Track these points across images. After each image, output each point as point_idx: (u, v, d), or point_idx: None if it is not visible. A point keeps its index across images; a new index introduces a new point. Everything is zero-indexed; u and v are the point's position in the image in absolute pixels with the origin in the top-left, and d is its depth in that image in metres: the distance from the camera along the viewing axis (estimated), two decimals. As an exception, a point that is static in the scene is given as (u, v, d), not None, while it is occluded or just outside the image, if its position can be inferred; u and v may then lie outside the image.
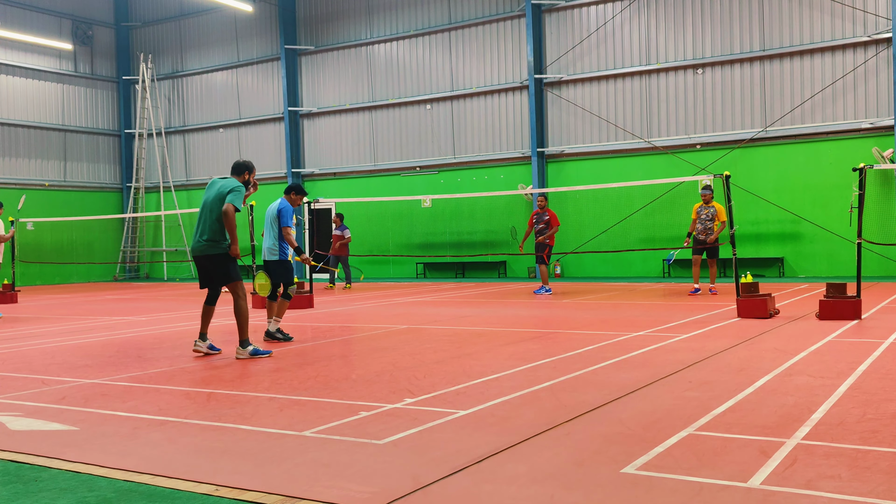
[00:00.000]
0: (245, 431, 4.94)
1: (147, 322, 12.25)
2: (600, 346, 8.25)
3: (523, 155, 22.79)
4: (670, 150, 20.83)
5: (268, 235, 9.78)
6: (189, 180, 29.16)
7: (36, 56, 27.58)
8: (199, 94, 29.01)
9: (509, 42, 23.10)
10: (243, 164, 8.50)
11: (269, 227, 9.80)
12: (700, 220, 14.56)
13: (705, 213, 14.50)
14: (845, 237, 17.70)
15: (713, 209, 14.44)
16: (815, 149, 19.34)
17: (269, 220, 9.83)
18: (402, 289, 19.00)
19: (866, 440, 4.34)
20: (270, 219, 9.82)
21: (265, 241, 9.79)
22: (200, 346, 8.37)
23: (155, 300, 17.49)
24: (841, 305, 9.97)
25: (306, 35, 26.63)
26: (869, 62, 18.63)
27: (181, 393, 6.29)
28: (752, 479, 3.71)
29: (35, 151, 27.53)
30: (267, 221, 9.84)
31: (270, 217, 9.82)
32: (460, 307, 13.54)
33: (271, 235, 9.76)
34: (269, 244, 9.77)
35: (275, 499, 3.66)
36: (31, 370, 7.66)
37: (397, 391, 6.07)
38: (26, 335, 10.88)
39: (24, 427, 5.25)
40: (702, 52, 20.59)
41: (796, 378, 6.19)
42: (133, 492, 3.83)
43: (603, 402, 5.47)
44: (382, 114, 25.31)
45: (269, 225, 9.81)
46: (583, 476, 3.87)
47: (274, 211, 9.79)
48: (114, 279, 28.91)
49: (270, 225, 9.80)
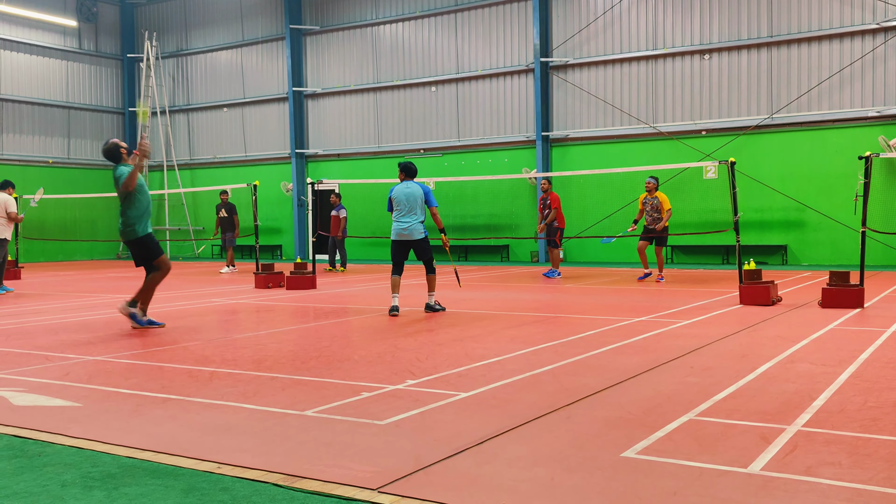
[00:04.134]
0: (247, 410, 4.96)
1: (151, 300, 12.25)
2: (602, 330, 8.26)
3: (528, 139, 22.72)
4: (675, 135, 20.76)
5: (413, 215, 10.06)
6: (193, 159, 29.13)
7: (40, 32, 27.48)
8: (203, 72, 28.92)
9: (515, 25, 22.98)
10: (110, 148, 8.97)
11: (414, 206, 10.06)
12: (647, 211, 14.69)
13: (650, 205, 14.64)
14: (850, 226, 17.70)
15: (657, 199, 14.58)
16: (821, 136, 19.27)
17: (413, 200, 10.06)
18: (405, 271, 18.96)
19: (867, 428, 4.35)
20: (414, 199, 10.07)
21: (408, 219, 10.04)
22: (124, 309, 8.95)
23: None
24: (844, 294, 9.96)
25: (311, 15, 26.51)
26: (877, 50, 18.51)
27: (184, 371, 6.31)
28: (753, 465, 3.73)
29: (39, 128, 27.50)
30: (406, 201, 10.06)
31: (413, 198, 10.06)
32: (462, 290, 13.55)
33: (415, 215, 10.07)
34: (414, 223, 10.07)
35: (277, 477, 3.68)
36: (34, 346, 7.69)
37: (399, 372, 6.08)
38: (30, 311, 10.91)
39: (28, 402, 5.27)
40: (709, 37, 20.48)
41: (798, 365, 6.20)
42: (136, 468, 3.85)
43: (604, 387, 5.49)
44: (387, 95, 25.23)
45: (414, 205, 10.06)
46: (583, 459, 3.89)
47: (420, 192, 10.09)
48: (116, 257, 28.95)
49: (416, 204, 10.07)
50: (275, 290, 13.92)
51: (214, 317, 10.21)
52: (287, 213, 27.09)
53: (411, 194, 10.09)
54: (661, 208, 14.52)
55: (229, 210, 19.55)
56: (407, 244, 10.23)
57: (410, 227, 10.07)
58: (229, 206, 19.63)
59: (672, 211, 14.91)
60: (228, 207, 19.60)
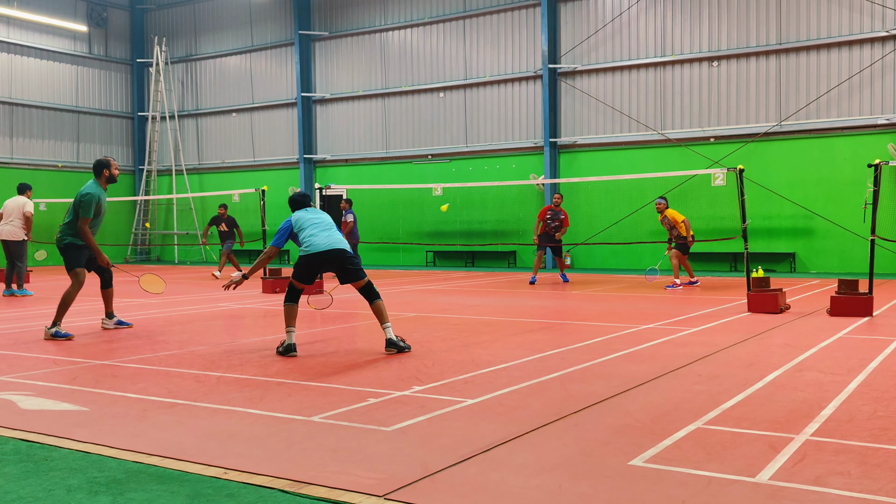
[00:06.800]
0: (254, 415, 4.95)
1: (157, 305, 12.30)
2: (609, 337, 8.23)
3: (536, 145, 22.71)
4: (684, 142, 20.72)
5: (333, 229, 7.77)
6: (201, 164, 29.21)
7: (51, 37, 27.62)
8: (212, 78, 29.01)
9: (524, 31, 22.99)
10: (98, 163, 9.55)
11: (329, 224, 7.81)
12: (668, 229, 15.16)
13: (666, 224, 15.09)
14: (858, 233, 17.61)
15: (667, 218, 14.98)
16: (830, 144, 19.20)
17: (326, 219, 7.83)
18: (412, 277, 19.01)
19: (876, 437, 4.32)
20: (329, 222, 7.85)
21: (329, 233, 7.68)
22: (108, 323, 9.40)
23: (166, 283, 17.51)
24: (852, 302, 9.91)
25: (320, 21, 26.58)
26: (887, 57, 18.45)
27: (190, 376, 6.31)
28: (761, 474, 3.70)
29: (48, 132, 27.61)
30: (317, 223, 7.73)
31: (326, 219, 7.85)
32: (469, 296, 13.54)
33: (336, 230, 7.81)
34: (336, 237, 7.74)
35: (283, 483, 3.67)
36: (42, 350, 7.71)
37: (405, 378, 6.07)
38: (38, 315, 10.94)
39: (36, 406, 5.28)
40: (717, 44, 20.44)
41: (806, 374, 6.17)
42: (142, 473, 3.85)
43: (612, 394, 5.46)
44: (395, 101, 25.26)
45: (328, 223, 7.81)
46: (591, 467, 3.87)
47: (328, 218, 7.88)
48: (125, 261, 29.03)
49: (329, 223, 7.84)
50: (282, 296, 13.92)
51: (221, 321, 10.23)
52: (295, 219, 27.07)
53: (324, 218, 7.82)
54: (674, 225, 14.96)
55: (230, 224, 19.15)
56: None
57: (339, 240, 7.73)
58: (230, 220, 19.21)
59: (687, 220, 15.22)
60: (229, 222, 19.18)
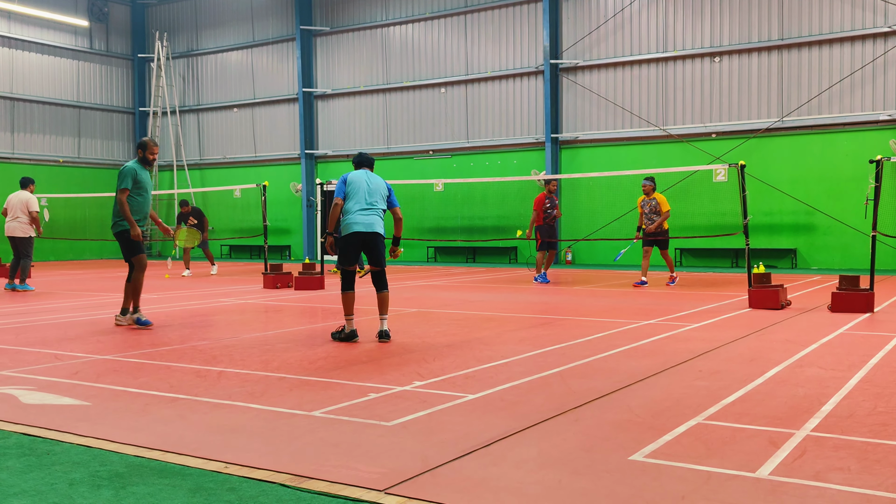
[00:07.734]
0: (255, 410, 4.96)
1: (158, 300, 12.31)
2: (610, 333, 8.24)
3: (537, 140, 22.70)
4: (685, 138, 20.71)
5: (376, 209, 7.97)
6: (202, 159, 29.21)
7: (52, 32, 27.61)
8: (213, 73, 29.00)
9: (525, 26, 22.97)
10: (138, 143, 9.53)
11: (377, 199, 7.97)
12: (645, 213, 14.23)
13: (649, 207, 14.17)
14: (860, 229, 17.61)
15: (655, 201, 14.12)
16: (832, 140, 19.19)
17: (377, 192, 8.00)
18: (413, 272, 19.03)
19: (876, 433, 4.33)
20: (379, 192, 8.02)
21: (368, 214, 7.92)
22: (122, 320, 9.14)
23: (166, 278, 17.56)
24: (853, 298, 9.92)
25: (322, 16, 26.55)
26: (889, 53, 18.43)
27: (192, 370, 6.32)
28: (761, 470, 3.71)
29: (49, 127, 27.62)
30: (367, 192, 7.94)
31: (379, 190, 8.02)
32: (470, 292, 13.55)
33: (379, 210, 8.03)
34: (375, 219, 7.98)
35: (284, 477, 3.68)
36: (44, 344, 7.73)
37: (406, 374, 6.08)
38: (40, 310, 10.96)
39: (38, 401, 5.29)
40: (719, 40, 20.42)
41: (807, 370, 6.17)
42: (144, 467, 3.86)
43: (612, 390, 5.47)
44: (396, 96, 25.25)
45: (377, 197, 7.98)
46: (591, 462, 3.88)
47: (384, 185, 8.13)
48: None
49: (378, 197, 7.99)
50: (283, 291, 13.95)
51: (223, 317, 10.24)
52: (296, 214, 27.13)
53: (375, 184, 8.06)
54: (659, 210, 14.06)
55: (197, 216, 18.46)
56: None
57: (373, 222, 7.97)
58: (196, 212, 18.50)
59: (671, 212, 14.43)
60: (196, 214, 18.47)
